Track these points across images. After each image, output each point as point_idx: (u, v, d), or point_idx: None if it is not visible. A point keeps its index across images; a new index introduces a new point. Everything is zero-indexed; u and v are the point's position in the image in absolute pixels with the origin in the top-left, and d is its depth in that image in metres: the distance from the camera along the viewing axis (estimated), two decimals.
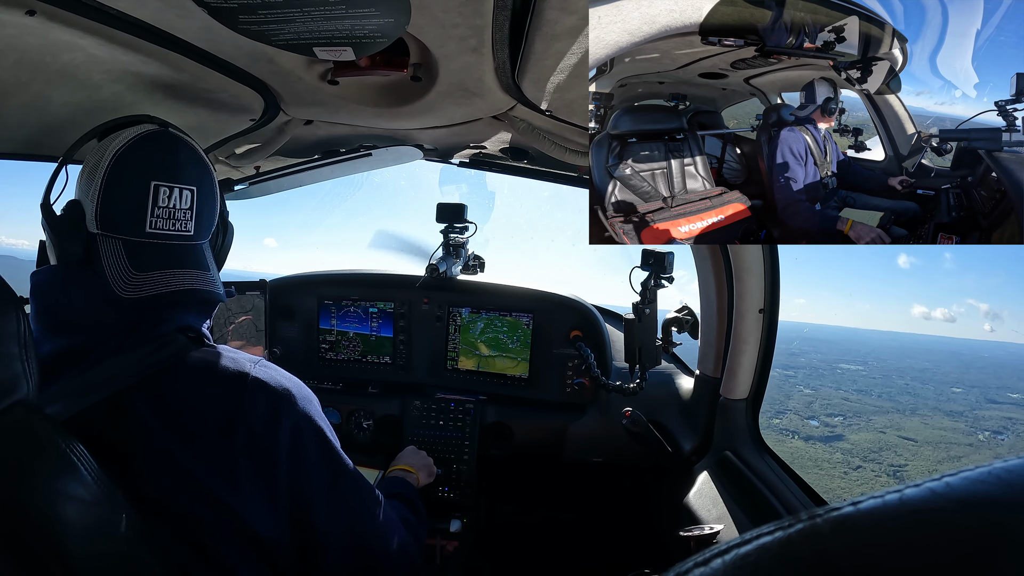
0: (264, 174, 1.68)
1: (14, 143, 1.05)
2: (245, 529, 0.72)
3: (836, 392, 49.79)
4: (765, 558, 0.21)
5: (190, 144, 0.83)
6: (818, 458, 34.84)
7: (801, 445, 36.52)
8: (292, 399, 0.78)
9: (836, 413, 43.84)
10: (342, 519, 0.81)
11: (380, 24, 0.68)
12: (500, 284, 1.88)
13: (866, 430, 40.29)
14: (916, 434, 40.66)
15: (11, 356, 0.59)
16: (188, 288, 0.78)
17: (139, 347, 0.74)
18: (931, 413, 46.66)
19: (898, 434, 40.30)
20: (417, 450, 1.48)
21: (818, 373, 55.77)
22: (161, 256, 0.78)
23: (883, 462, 35.35)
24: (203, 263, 0.83)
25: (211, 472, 0.71)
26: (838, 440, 38.31)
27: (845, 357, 64.92)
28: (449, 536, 1.63)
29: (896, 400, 50.16)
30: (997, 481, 0.20)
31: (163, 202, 0.78)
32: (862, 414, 44.23)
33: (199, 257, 0.83)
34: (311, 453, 0.78)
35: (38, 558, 0.57)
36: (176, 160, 0.80)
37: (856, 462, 34.88)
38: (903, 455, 36.78)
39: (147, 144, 0.79)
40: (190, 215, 0.80)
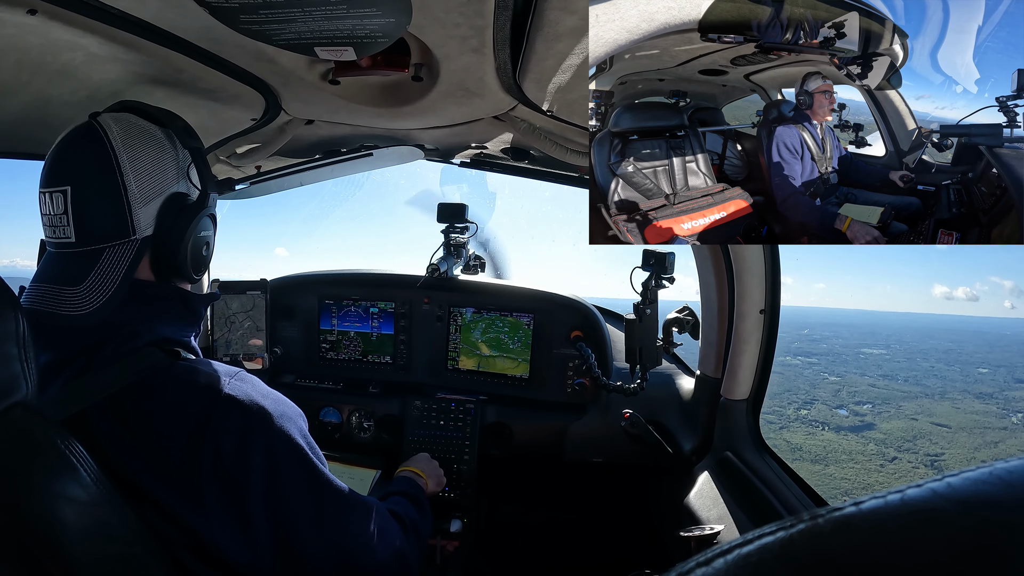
0: (265, 174, 1.68)
1: (14, 143, 1.05)
2: (214, 552, 0.70)
3: (862, 379, 48.63)
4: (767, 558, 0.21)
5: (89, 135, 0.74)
6: (852, 450, 34.11)
7: (833, 437, 35.67)
8: (267, 417, 0.73)
9: (864, 401, 42.89)
10: (330, 542, 0.77)
11: (381, 24, 0.68)
12: (501, 284, 1.88)
13: (897, 417, 39.47)
14: (949, 420, 39.67)
15: (10, 357, 0.58)
16: (31, 308, 0.71)
17: (109, 363, 0.71)
18: (961, 396, 45.50)
19: (930, 420, 39.32)
20: (431, 459, 1.45)
21: (841, 359, 54.69)
22: (48, 267, 0.75)
23: (919, 451, 34.47)
24: (76, 275, 0.72)
25: (176, 496, 0.68)
26: (869, 429, 37.49)
27: (867, 341, 63.94)
28: (449, 536, 1.63)
29: (923, 384, 49.04)
30: (998, 482, 0.19)
31: (45, 209, 0.74)
32: (891, 400, 43.31)
33: (74, 267, 0.73)
34: (289, 475, 0.73)
35: (36, 559, 0.57)
36: (53, 160, 0.74)
37: (891, 452, 34.09)
38: (938, 443, 35.87)
39: (53, 146, 0.76)
40: (66, 219, 0.73)
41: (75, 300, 0.71)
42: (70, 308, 0.71)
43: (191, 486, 0.68)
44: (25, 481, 0.58)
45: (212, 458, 0.69)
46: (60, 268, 0.74)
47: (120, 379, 0.70)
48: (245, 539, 0.71)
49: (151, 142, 0.78)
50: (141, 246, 0.76)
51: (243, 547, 0.71)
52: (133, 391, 0.70)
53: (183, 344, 0.79)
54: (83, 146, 0.74)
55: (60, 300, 0.71)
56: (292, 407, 0.79)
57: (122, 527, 0.63)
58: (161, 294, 0.80)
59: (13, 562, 0.57)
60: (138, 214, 0.75)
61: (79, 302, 0.71)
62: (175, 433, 0.69)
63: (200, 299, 0.85)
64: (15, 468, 0.58)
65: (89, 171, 0.74)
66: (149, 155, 0.77)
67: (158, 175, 0.78)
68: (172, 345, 0.77)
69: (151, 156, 0.77)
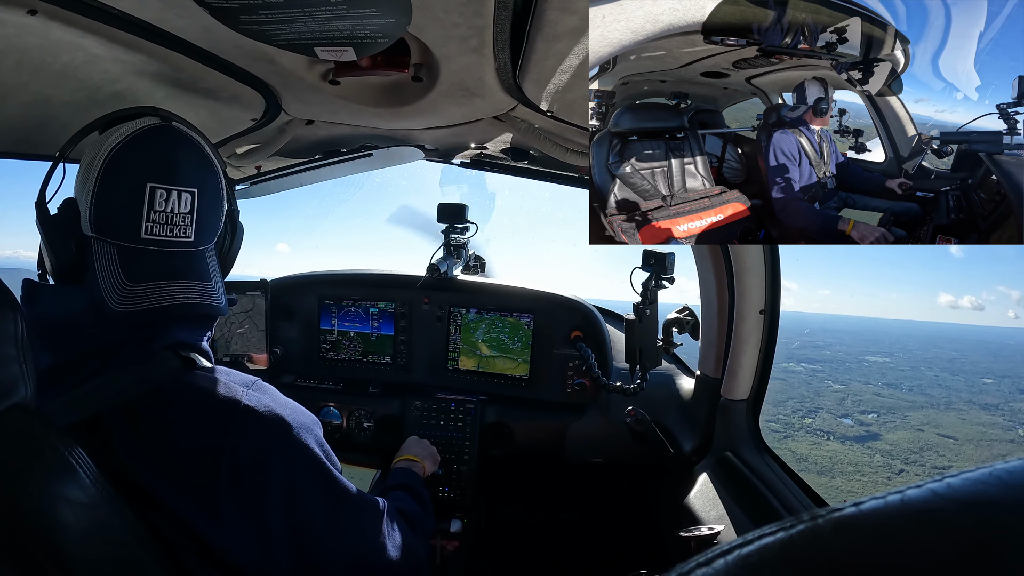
0: (265, 174, 1.68)
1: (14, 143, 1.05)
2: (225, 559, 0.69)
3: (866, 387, 48.03)
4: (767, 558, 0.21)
5: (194, 140, 0.78)
6: (858, 462, 33.44)
7: (838, 448, 35.08)
8: (285, 428, 0.73)
9: (869, 410, 42.31)
10: (348, 549, 0.78)
11: (381, 24, 0.68)
12: (501, 284, 1.88)
13: (903, 428, 38.87)
14: (955, 431, 39.09)
15: (9, 359, 0.58)
16: (184, 303, 0.72)
17: (124, 367, 0.70)
18: (966, 407, 44.91)
19: (937, 432, 38.75)
20: (420, 439, 1.48)
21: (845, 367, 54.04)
22: (157, 265, 0.73)
23: (926, 463, 33.90)
24: (204, 272, 0.76)
25: (189, 503, 0.68)
26: (874, 439, 36.94)
27: (870, 349, 63.39)
28: (449, 536, 1.63)
29: (928, 393, 48.39)
30: (998, 482, 0.20)
31: (159, 206, 0.72)
32: (896, 410, 42.74)
33: (199, 266, 0.76)
34: (307, 484, 0.74)
35: (36, 561, 0.57)
36: (175, 159, 0.74)
37: (898, 465, 33.47)
38: (945, 455, 35.27)
39: (146, 141, 0.73)
40: (190, 220, 0.74)
41: (215, 294, 0.76)
42: (217, 300, 0.76)
43: (206, 494, 0.68)
44: (24, 482, 0.57)
45: (230, 468, 0.69)
46: (183, 265, 0.75)
47: (136, 384, 0.69)
48: (261, 546, 0.71)
49: (220, 162, 0.84)
50: (211, 251, 0.81)
51: (257, 554, 0.71)
52: (149, 397, 0.69)
53: (197, 348, 0.78)
54: (191, 148, 0.77)
55: (205, 294, 0.75)
56: (308, 416, 0.79)
57: (121, 529, 0.63)
58: None
59: (12, 563, 0.56)
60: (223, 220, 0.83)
61: (218, 295, 0.77)
62: (192, 442, 0.69)
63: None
64: (14, 469, 0.57)
65: (213, 177, 0.79)
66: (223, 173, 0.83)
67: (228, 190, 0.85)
68: (187, 350, 0.76)
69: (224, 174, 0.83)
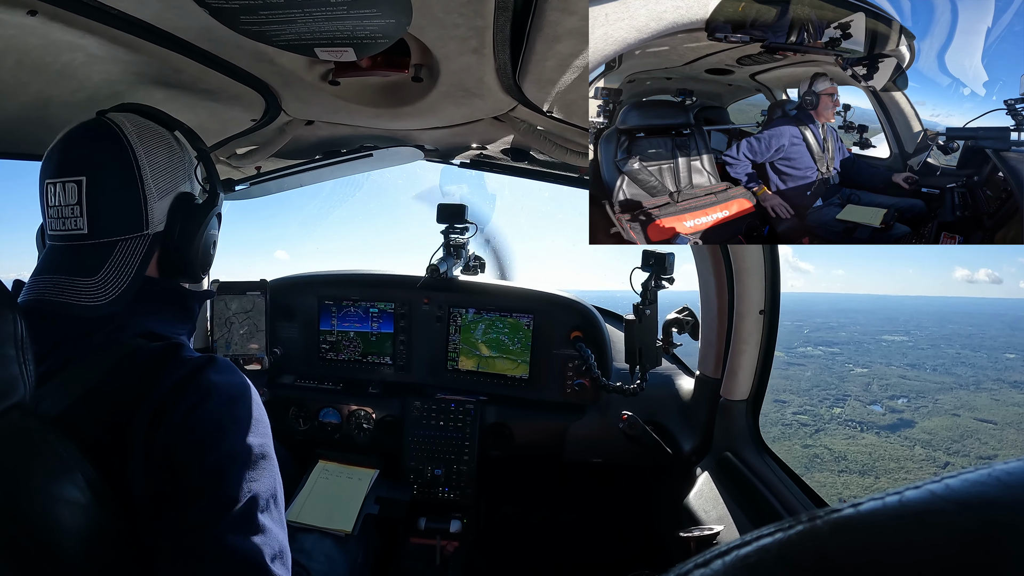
0: (265, 174, 1.68)
1: (14, 143, 1.05)
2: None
3: (890, 369, 45.77)
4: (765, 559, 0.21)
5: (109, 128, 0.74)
6: (899, 456, 31.51)
7: (875, 440, 32.92)
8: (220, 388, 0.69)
9: (897, 394, 40.09)
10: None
11: (381, 25, 0.68)
12: (500, 285, 1.88)
13: (937, 413, 36.64)
14: (992, 414, 36.85)
15: (8, 359, 0.58)
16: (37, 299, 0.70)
17: (86, 360, 0.69)
18: (996, 386, 42.70)
19: (973, 416, 36.46)
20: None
21: (863, 348, 52.00)
22: (50, 261, 0.73)
23: (970, 454, 31.80)
24: (92, 267, 0.72)
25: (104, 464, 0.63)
26: (909, 427, 34.73)
27: (886, 328, 61.48)
28: (449, 536, 1.63)
29: (954, 373, 46.15)
30: (997, 483, 0.19)
31: (52, 200, 0.73)
32: (926, 393, 40.49)
33: (90, 260, 0.72)
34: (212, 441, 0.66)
35: (34, 561, 0.57)
36: (64, 150, 0.74)
37: (942, 457, 31.34)
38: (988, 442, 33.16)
39: (56, 141, 0.75)
40: (79, 210, 0.72)
41: (91, 291, 0.71)
42: (87, 299, 0.70)
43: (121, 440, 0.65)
44: (23, 483, 0.58)
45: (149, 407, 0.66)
46: (70, 260, 0.73)
47: (103, 371, 0.69)
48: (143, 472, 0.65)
49: (162, 141, 0.80)
50: (152, 242, 0.77)
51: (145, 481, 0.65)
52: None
53: (171, 341, 0.77)
54: (97, 138, 0.74)
55: (75, 291, 0.70)
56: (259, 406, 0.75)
57: (118, 530, 0.63)
58: (161, 290, 0.80)
59: (10, 563, 0.57)
60: (152, 209, 0.76)
61: (95, 293, 0.71)
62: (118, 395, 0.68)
63: (195, 296, 0.84)
64: (13, 469, 0.57)
65: (106, 162, 0.73)
66: (161, 152, 0.78)
67: (170, 172, 0.79)
68: (159, 340, 0.75)
69: (163, 153, 0.79)
